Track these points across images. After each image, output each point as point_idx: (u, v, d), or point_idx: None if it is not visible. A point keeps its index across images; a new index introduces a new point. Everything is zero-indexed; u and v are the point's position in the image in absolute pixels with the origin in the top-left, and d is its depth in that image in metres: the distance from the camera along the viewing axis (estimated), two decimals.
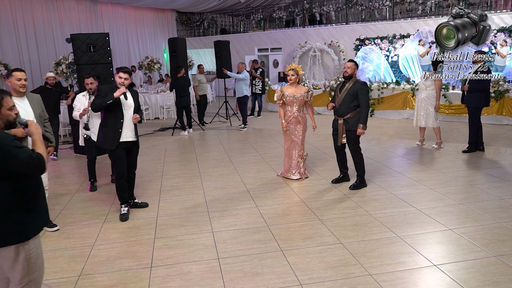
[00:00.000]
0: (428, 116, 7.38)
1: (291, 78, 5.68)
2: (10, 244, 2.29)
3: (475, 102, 7.03)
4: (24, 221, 2.33)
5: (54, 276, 3.43)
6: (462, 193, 5.11)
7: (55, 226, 4.41)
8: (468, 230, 4.06)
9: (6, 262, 2.33)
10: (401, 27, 13.76)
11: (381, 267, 3.40)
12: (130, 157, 4.77)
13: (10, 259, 2.32)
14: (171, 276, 3.39)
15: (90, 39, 7.43)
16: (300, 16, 17.62)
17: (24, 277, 2.36)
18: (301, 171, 5.88)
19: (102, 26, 16.91)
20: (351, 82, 5.24)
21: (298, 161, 5.84)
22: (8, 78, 3.95)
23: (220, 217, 4.61)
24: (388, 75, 13.31)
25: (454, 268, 3.35)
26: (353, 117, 5.23)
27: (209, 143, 8.79)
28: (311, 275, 3.31)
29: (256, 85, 11.88)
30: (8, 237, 2.28)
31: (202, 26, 20.49)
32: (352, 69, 5.22)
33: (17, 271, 2.35)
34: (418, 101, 7.51)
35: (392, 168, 6.30)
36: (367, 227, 4.20)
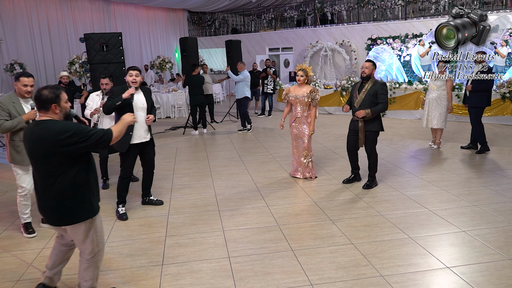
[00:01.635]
0: (440, 117, 7.30)
1: (299, 78, 5.63)
2: (83, 220, 2.70)
3: (478, 102, 7.00)
4: (91, 199, 2.74)
5: (68, 272, 3.46)
6: (475, 195, 5.04)
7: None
8: (482, 232, 4.01)
9: (79, 237, 2.74)
10: (414, 26, 13.62)
11: (392, 268, 3.37)
12: (147, 157, 4.78)
13: (83, 234, 2.73)
14: (182, 274, 3.40)
15: (103, 39, 7.50)
16: (311, 16, 17.56)
17: (94, 248, 2.81)
18: (307, 171, 5.84)
19: (115, 25, 17.07)
20: (370, 82, 5.18)
21: (301, 161, 5.81)
22: (15, 81, 4.00)
23: (230, 216, 4.62)
24: (400, 75, 13.20)
25: (467, 271, 3.31)
26: (373, 118, 5.20)
27: (219, 142, 8.82)
28: (322, 275, 3.30)
29: (268, 85, 11.88)
30: (82, 214, 2.69)
31: (214, 26, 20.55)
32: (370, 69, 5.16)
33: (88, 244, 2.78)
34: (429, 101, 7.39)
35: (404, 169, 6.24)
36: (379, 228, 4.17)
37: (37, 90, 2.65)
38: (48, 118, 2.62)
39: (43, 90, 2.62)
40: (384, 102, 5.11)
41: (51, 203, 2.65)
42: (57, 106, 2.63)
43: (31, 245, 4.02)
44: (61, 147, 2.51)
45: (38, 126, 2.58)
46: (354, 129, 5.33)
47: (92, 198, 2.75)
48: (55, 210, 2.66)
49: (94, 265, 2.89)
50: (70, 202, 2.63)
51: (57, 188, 2.59)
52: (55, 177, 2.58)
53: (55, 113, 2.64)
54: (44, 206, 2.70)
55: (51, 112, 2.63)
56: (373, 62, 5.26)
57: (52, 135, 2.51)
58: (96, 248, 2.82)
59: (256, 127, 10.35)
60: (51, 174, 2.58)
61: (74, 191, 2.63)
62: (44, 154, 2.55)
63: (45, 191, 2.64)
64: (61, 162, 2.56)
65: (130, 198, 5.12)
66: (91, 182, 2.74)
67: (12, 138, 4.07)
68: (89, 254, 2.82)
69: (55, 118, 2.64)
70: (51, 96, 2.60)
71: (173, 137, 9.39)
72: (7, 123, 3.91)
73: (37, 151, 2.57)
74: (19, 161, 4.08)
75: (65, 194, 2.61)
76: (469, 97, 7.10)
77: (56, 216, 2.68)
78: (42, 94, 2.60)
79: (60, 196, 2.61)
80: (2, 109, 3.92)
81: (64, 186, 2.60)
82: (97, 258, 2.88)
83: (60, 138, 2.50)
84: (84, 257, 2.85)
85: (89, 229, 2.74)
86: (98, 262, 2.92)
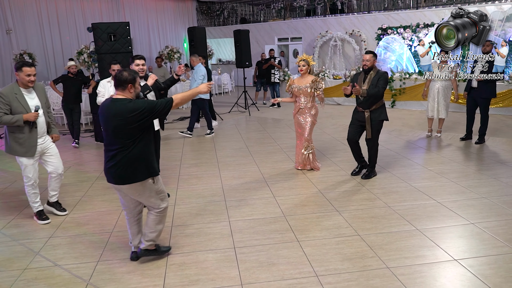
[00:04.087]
0: (446, 107, 7.42)
1: (302, 68, 5.56)
2: (150, 176, 3.17)
3: (489, 93, 7.01)
4: (153, 161, 3.21)
5: (74, 261, 3.50)
6: (485, 187, 4.96)
7: (64, 210, 4.56)
8: (491, 224, 3.95)
9: (147, 191, 3.20)
10: (425, 15, 13.36)
11: (399, 260, 3.34)
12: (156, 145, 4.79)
13: (149, 188, 3.20)
14: (187, 264, 3.41)
15: (111, 28, 7.47)
16: (321, 5, 17.32)
17: (160, 203, 3.30)
18: (308, 163, 5.78)
19: (124, 16, 17.04)
20: (373, 73, 5.10)
21: (302, 153, 5.76)
22: (17, 71, 3.96)
23: (237, 206, 4.61)
24: (411, 65, 13.00)
25: (475, 263, 3.27)
26: (378, 108, 5.15)
27: (227, 132, 8.79)
28: (328, 267, 3.28)
29: (276, 74, 11.81)
30: (149, 172, 3.16)
31: (222, 16, 20.41)
32: (372, 62, 5.08)
33: (153, 199, 3.26)
34: (437, 92, 7.38)
35: (413, 160, 6.17)
36: (386, 220, 4.13)
37: (118, 71, 3.10)
38: (123, 97, 3.07)
39: (123, 72, 3.07)
40: (381, 88, 5.04)
41: (118, 166, 3.08)
42: (132, 87, 3.08)
43: (38, 234, 4.06)
44: (133, 122, 2.98)
45: (114, 103, 3.04)
46: (359, 119, 5.28)
47: (153, 162, 3.21)
48: (120, 173, 3.09)
49: (160, 219, 3.37)
50: (132, 167, 3.08)
51: (127, 154, 3.06)
52: (126, 146, 3.04)
53: (130, 92, 3.09)
54: (110, 168, 3.13)
55: (127, 91, 3.07)
56: (374, 53, 5.16)
57: (126, 112, 2.96)
58: (162, 204, 3.31)
59: (264, 118, 10.30)
60: (122, 143, 3.04)
61: (140, 156, 3.09)
62: (117, 126, 3.00)
63: (114, 156, 3.08)
64: (131, 133, 3.02)
65: None
66: (152, 149, 3.21)
67: (13, 130, 4.05)
68: (157, 209, 3.31)
69: (128, 97, 3.08)
70: (130, 77, 3.05)
71: (180, 128, 9.38)
72: (5, 117, 3.91)
73: (111, 124, 3.02)
74: (22, 152, 4.08)
75: (133, 159, 3.07)
76: (477, 87, 6.99)
77: (120, 177, 3.11)
78: (123, 74, 3.05)
79: (129, 162, 3.07)
80: (3, 103, 3.91)
81: (132, 153, 3.06)
82: (164, 213, 3.37)
83: (133, 115, 2.96)
84: (153, 212, 3.33)
85: (150, 188, 3.20)
86: (163, 217, 3.39)
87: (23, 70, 3.94)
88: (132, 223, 3.45)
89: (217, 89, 15.82)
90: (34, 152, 4.13)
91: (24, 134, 4.05)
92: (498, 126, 8.36)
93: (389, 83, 11.01)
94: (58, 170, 4.38)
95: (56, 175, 4.40)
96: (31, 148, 4.11)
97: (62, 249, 3.74)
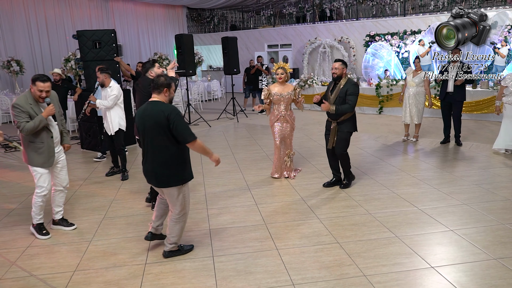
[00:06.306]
0: (419, 113, 7.65)
1: (280, 76, 5.58)
2: (176, 185, 3.36)
3: (463, 96, 7.24)
4: (184, 170, 3.40)
5: (50, 271, 3.45)
6: (467, 193, 5.00)
7: (72, 225, 4.39)
8: (470, 231, 3.97)
9: (172, 198, 3.40)
10: (413, 23, 13.52)
11: (376, 268, 3.34)
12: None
13: (174, 196, 3.39)
14: (165, 273, 3.38)
15: (96, 36, 7.46)
16: (310, 12, 17.46)
17: (182, 210, 3.46)
18: (286, 170, 5.80)
19: (113, 22, 17.01)
20: (342, 82, 5.01)
21: (285, 160, 5.77)
22: (31, 84, 3.86)
23: (218, 214, 4.60)
24: (399, 72, 13.12)
25: (452, 271, 3.28)
26: (346, 119, 5.06)
27: (214, 139, 8.78)
28: (305, 275, 3.27)
29: (263, 81, 11.89)
30: (176, 180, 3.36)
31: (212, 22, 20.47)
32: (340, 69, 4.96)
33: (177, 205, 3.44)
34: (408, 97, 7.63)
35: (396, 167, 6.20)
36: (366, 227, 4.14)
37: (156, 76, 3.39)
38: (158, 100, 3.31)
39: (160, 77, 3.35)
40: (351, 103, 4.92)
41: (153, 169, 3.34)
42: (168, 91, 3.33)
43: (16, 244, 4.01)
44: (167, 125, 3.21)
45: (150, 105, 3.30)
46: (328, 129, 5.26)
47: (185, 169, 3.40)
48: (156, 175, 3.34)
49: (180, 224, 3.53)
50: (169, 170, 3.31)
51: (161, 157, 3.29)
52: (161, 148, 3.27)
53: (165, 96, 3.33)
54: (148, 171, 3.40)
55: (162, 94, 3.32)
56: (343, 61, 5.05)
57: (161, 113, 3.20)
58: (183, 211, 3.48)
59: (252, 124, 10.32)
60: (157, 145, 3.27)
61: (172, 161, 3.30)
62: (153, 128, 3.23)
63: (150, 158, 3.33)
64: (166, 136, 3.23)
65: (117, 197, 5.11)
66: (186, 156, 3.40)
67: (32, 140, 3.93)
68: (177, 214, 3.47)
69: (163, 100, 3.32)
70: (166, 82, 3.32)
71: None
72: (29, 124, 3.80)
73: (147, 125, 3.26)
74: (40, 163, 3.97)
75: (166, 163, 3.29)
76: (453, 92, 7.15)
77: (156, 180, 3.37)
78: (160, 79, 3.33)
79: (162, 164, 3.30)
80: (22, 111, 3.80)
81: (166, 156, 3.28)
82: (184, 218, 3.54)
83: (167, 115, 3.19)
84: (173, 216, 3.49)
85: (179, 193, 3.40)
86: (184, 222, 3.56)
87: (36, 85, 3.82)
88: (159, 204, 3.70)
89: (206, 96, 15.82)
90: (52, 162, 4.06)
91: (43, 144, 3.95)
92: (483, 132, 8.45)
93: (376, 89, 11.11)
94: (63, 183, 4.29)
95: (61, 189, 4.30)
96: (50, 158, 4.02)
97: (39, 258, 3.70)
